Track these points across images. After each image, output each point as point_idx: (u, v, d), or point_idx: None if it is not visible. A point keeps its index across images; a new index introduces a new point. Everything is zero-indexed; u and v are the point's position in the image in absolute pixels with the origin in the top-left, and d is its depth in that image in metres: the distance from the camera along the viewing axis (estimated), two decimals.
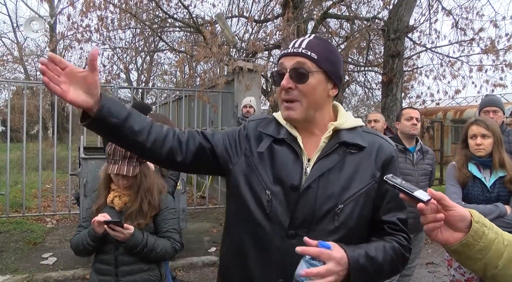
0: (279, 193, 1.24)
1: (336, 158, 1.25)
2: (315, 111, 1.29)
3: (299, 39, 1.31)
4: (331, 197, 1.22)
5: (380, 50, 9.77)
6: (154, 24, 9.26)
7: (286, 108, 1.28)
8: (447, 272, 2.92)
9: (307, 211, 1.21)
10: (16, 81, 14.32)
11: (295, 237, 1.21)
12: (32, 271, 4.50)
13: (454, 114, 16.64)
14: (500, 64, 7.67)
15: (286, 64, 1.26)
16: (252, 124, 1.41)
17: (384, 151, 1.30)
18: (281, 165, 1.27)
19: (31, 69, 23.71)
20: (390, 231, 1.29)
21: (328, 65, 1.27)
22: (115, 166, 2.15)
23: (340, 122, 1.30)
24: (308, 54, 1.25)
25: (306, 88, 1.24)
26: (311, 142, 1.30)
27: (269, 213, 1.24)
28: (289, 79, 1.24)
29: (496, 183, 2.60)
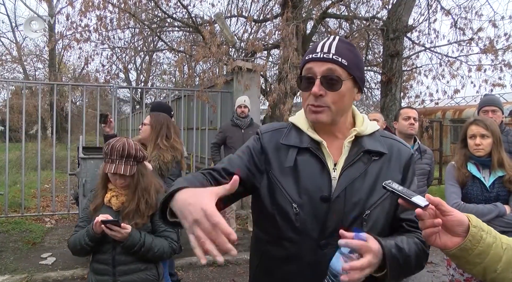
0: (307, 204, 1.23)
1: (361, 167, 1.26)
2: (341, 116, 1.30)
3: (326, 43, 1.28)
4: (358, 204, 1.23)
5: (379, 50, 9.78)
6: (153, 24, 9.26)
7: (314, 111, 1.26)
8: (446, 272, 2.92)
9: (337, 220, 1.22)
10: (15, 81, 14.30)
11: (327, 247, 1.21)
12: (31, 271, 4.49)
13: (453, 113, 16.66)
14: (499, 63, 7.69)
15: (316, 70, 1.24)
16: (268, 136, 1.37)
17: (402, 155, 1.33)
18: (307, 176, 1.25)
19: (30, 69, 23.71)
20: (409, 228, 1.29)
21: (356, 72, 1.27)
22: (113, 166, 2.15)
23: (362, 129, 1.31)
24: (339, 60, 1.23)
25: (337, 95, 1.24)
26: (334, 145, 1.31)
27: (298, 226, 1.23)
28: (320, 85, 1.23)
29: (495, 183, 2.60)
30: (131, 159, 2.18)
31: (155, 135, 3.22)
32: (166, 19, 9.35)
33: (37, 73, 24.17)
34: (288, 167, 1.28)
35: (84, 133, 6.33)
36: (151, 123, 3.26)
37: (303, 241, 1.23)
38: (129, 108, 21.57)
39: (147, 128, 3.26)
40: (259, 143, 1.37)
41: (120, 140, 2.22)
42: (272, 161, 1.31)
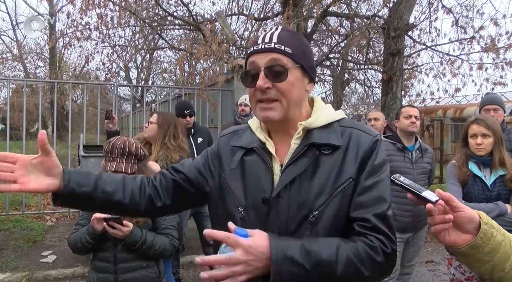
0: (252, 207, 1.16)
1: (305, 162, 1.14)
2: (294, 110, 1.19)
3: (268, 33, 1.19)
4: (304, 204, 1.11)
5: (380, 48, 9.75)
6: (153, 22, 9.24)
7: (263, 109, 1.17)
8: (447, 271, 2.92)
9: (280, 222, 1.12)
10: (16, 79, 14.29)
11: None
12: (32, 269, 4.50)
13: (454, 112, 16.65)
14: (500, 62, 7.67)
15: (259, 62, 1.15)
16: (223, 140, 1.34)
17: (362, 143, 1.17)
18: (252, 178, 1.19)
19: (30, 67, 23.73)
20: (360, 230, 1.10)
21: (303, 59, 1.18)
22: (113, 164, 2.15)
23: (310, 121, 1.19)
24: (282, 48, 1.15)
25: (285, 86, 1.14)
26: (285, 145, 1.21)
27: None
28: (265, 78, 1.14)
29: (496, 182, 2.60)
30: (132, 157, 2.19)
31: (163, 134, 3.20)
32: (166, 17, 9.33)
33: (37, 71, 24.21)
34: (233, 169, 1.23)
35: (84, 131, 6.33)
36: (159, 122, 3.24)
37: None
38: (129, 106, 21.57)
39: (154, 127, 3.23)
40: (216, 148, 1.34)
41: (121, 139, 2.23)
42: (224, 164, 1.27)
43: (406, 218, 3.21)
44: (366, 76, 11.31)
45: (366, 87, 11.65)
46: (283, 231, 1.11)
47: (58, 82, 9.04)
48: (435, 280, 4.73)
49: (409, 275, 3.57)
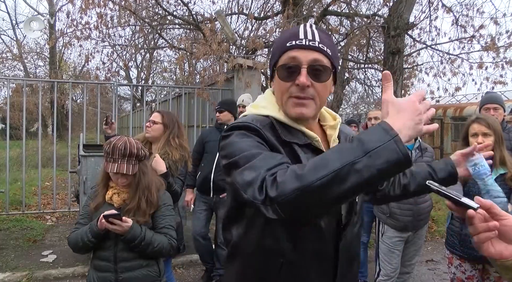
0: None
1: None
2: (320, 109, 1.26)
3: (308, 29, 1.17)
4: None
5: (380, 47, 9.76)
6: (153, 21, 9.24)
7: (298, 105, 1.16)
8: (448, 270, 2.92)
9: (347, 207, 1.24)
10: (16, 79, 14.27)
11: (348, 224, 1.24)
12: (32, 268, 4.50)
13: (454, 111, 16.63)
14: (501, 61, 7.67)
15: (302, 59, 1.14)
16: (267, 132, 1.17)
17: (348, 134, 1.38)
18: None
19: (30, 67, 23.72)
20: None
21: (337, 63, 1.22)
22: (115, 165, 2.15)
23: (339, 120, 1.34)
24: (325, 49, 1.15)
25: (322, 87, 1.17)
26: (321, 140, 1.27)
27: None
28: (307, 76, 1.14)
29: (496, 181, 2.59)
30: (133, 158, 2.19)
31: (168, 134, 3.18)
32: (166, 17, 9.33)
33: (37, 71, 24.20)
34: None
35: (84, 131, 6.33)
36: (164, 121, 3.21)
37: (329, 217, 1.20)
38: (129, 105, 21.57)
39: (159, 127, 3.19)
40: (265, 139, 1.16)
41: (122, 139, 2.22)
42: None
43: (406, 217, 3.21)
44: (366, 75, 11.32)
45: (366, 86, 11.66)
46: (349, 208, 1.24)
47: (58, 82, 9.02)
48: (435, 279, 4.73)
49: (409, 274, 3.57)
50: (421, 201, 3.29)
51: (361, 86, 12.19)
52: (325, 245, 1.18)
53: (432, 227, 6.60)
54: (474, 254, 2.62)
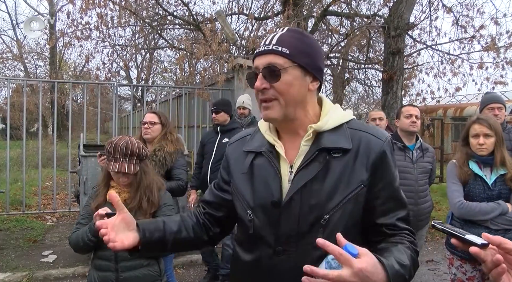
0: (260, 210, 1.21)
1: (317, 166, 1.16)
2: (295, 109, 1.20)
3: (271, 35, 1.23)
4: (315, 207, 1.14)
5: (380, 48, 9.75)
6: (153, 22, 9.24)
7: (264, 108, 1.21)
8: (448, 271, 2.91)
9: (291, 225, 1.15)
10: (16, 79, 14.27)
11: (283, 253, 1.16)
12: (32, 268, 4.50)
13: (454, 111, 16.64)
14: (501, 61, 7.67)
15: (259, 64, 1.20)
16: (232, 148, 1.40)
17: (373, 148, 1.18)
18: (261, 181, 1.22)
19: (30, 67, 23.72)
20: (392, 232, 1.18)
21: (303, 58, 1.19)
22: (116, 164, 2.15)
23: (320, 124, 1.20)
24: (279, 50, 1.17)
25: (281, 86, 1.17)
26: (294, 146, 1.23)
27: (252, 233, 1.22)
28: (263, 79, 1.18)
29: (497, 181, 2.60)
30: (134, 158, 2.19)
31: (165, 131, 3.38)
32: (166, 17, 9.32)
33: (38, 71, 24.20)
34: (243, 173, 1.27)
35: (85, 131, 6.33)
36: (162, 121, 3.40)
37: (260, 247, 1.20)
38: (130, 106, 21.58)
39: (158, 127, 3.38)
40: (225, 158, 1.40)
41: (123, 139, 2.22)
42: (233, 170, 1.33)
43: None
44: (367, 76, 11.32)
45: (366, 87, 11.66)
46: (295, 234, 1.16)
47: (58, 82, 9.01)
48: (436, 279, 4.73)
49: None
50: (422, 202, 3.28)
51: (361, 86, 12.19)
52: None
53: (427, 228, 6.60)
54: None
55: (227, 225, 1.42)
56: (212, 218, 1.38)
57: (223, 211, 1.37)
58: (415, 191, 3.25)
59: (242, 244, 1.30)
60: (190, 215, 1.39)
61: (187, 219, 1.37)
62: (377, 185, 1.18)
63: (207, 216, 1.38)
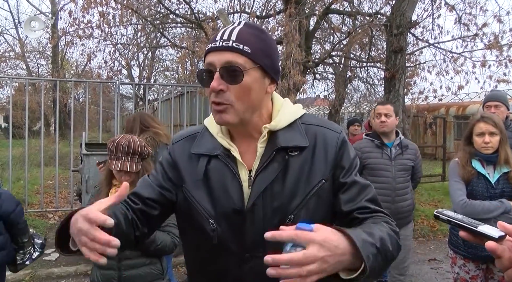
0: (223, 218, 1.12)
1: (276, 167, 1.11)
2: (251, 113, 1.12)
3: (228, 29, 1.11)
4: (279, 209, 1.09)
5: (382, 46, 9.72)
6: (155, 20, 9.24)
7: (217, 111, 1.10)
8: (451, 270, 2.91)
9: (258, 230, 1.08)
10: (18, 78, 14.33)
11: (251, 260, 1.10)
12: (35, 267, 4.51)
13: (457, 110, 16.60)
14: (504, 59, 7.64)
15: (215, 61, 1.07)
16: (178, 146, 1.24)
17: (329, 142, 1.15)
18: (218, 187, 1.13)
19: (33, 66, 23.73)
20: (364, 215, 1.11)
21: (264, 59, 1.10)
22: (118, 162, 2.16)
23: (273, 124, 1.14)
24: (241, 48, 1.06)
25: (240, 89, 1.07)
26: (250, 149, 1.16)
27: (216, 243, 1.12)
28: (220, 79, 1.06)
29: (500, 179, 2.59)
30: (137, 156, 2.20)
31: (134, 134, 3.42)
32: (168, 15, 9.33)
33: (40, 70, 24.22)
34: (198, 180, 1.15)
35: (87, 130, 6.34)
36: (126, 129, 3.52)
37: (226, 258, 1.12)
38: (131, 104, 21.57)
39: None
40: (170, 156, 1.25)
41: (125, 137, 2.23)
42: (184, 174, 1.19)
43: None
44: (369, 74, 11.28)
45: (368, 85, 11.62)
46: (261, 239, 0.99)
47: (60, 81, 9.05)
48: (438, 278, 4.72)
49: (404, 276, 3.52)
50: (400, 200, 3.25)
51: (363, 84, 12.15)
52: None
53: (435, 226, 6.59)
54: (479, 254, 2.61)
55: (155, 226, 1.26)
56: (144, 216, 1.19)
57: (159, 210, 1.21)
58: (392, 188, 3.23)
59: (201, 257, 1.19)
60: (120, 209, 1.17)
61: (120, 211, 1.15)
62: (338, 177, 1.15)
63: (138, 213, 1.18)
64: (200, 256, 1.19)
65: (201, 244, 1.17)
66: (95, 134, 7.98)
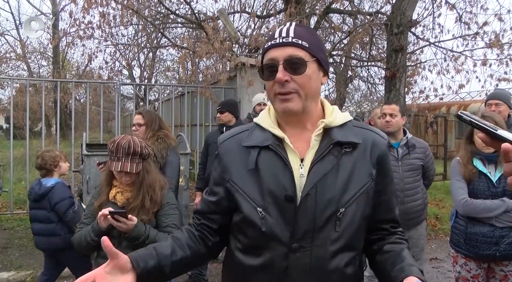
0: (272, 207, 1.16)
1: (332, 160, 1.17)
2: (311, 102, 1.22)
3: (283, 28, 1.22)
4: (331, 201, 1.15)
5: (383, 45, 9.71)
6: (156, 20, 9.24)
7: (283, 101, 1.18)
8: (453, 269, 2.90)
9: (308, 220, 1.14)
10: (19, 78, 14.29)
11: (299, 250, 1.14)
12: (36, 267, 4.52)
13: (458, 109, 16.55)
14: (505, 58, 7.61)
15: (278, 56, 1.17)
16: (225, 145, 1.32)
17: (378, 146, 1.25)
18: (269, 176, 1.18)
19: (34, 66, 23.74)
20: (393, 230, 1.28)
21: (319, 53, 1.21)
22: (119, 163, 2.15)
23: (330, 120, 1.23)
24: (300, 42, 1.17)
25: (303, 79, 1.17)
26: (302, 138, 1.23)
27: (265, 231, 1.15)
28: (284, 71, 1.16)
29: (501, 178, 2.58)
30: (137, 157, 2.19)
31: (150, 130, 3.42)
32: (169, 16, 9.33)
33: (41, 71, 24.23)
34: (249, 170, 1.21)
35: (87, 130, 6.34)
36: (146, 121, 3.44)
37: (273, 247, 1.15)
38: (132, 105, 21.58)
39: (143, 129, 3.43)
40: (217, 157, 1.33)
41: (125, 138, 2.22)
42: (231, 168, 1.26)
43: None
44: (369, 73, 11.28)
45: (369, 84, 11.61)
46: (311, 229, 1.14)
47: (61, 81, 9.04)
48: (439, 277, 4.72)
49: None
50: (409, 201, 3.16)
51: (364, 84, 12.14)
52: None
53: (436, 225, 6.58)
54: (480, 253, 2.61)
55: (225, 233, 1.33)
56: (209, 228, 1.31)
57: (218, 218, 1.30)
58: (400, 189, 3.11)
59: (246, 249, 1.22)
60: (181, 233, 1.33)
61: (179, 237, 1.29)
62: (382, 181, 1.24)
63: (203, 226, 1.31)
64: (243, 252, 1.23)
65: (247, 238, 1.21)
66: (96, 135, 7.99)
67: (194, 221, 1.35)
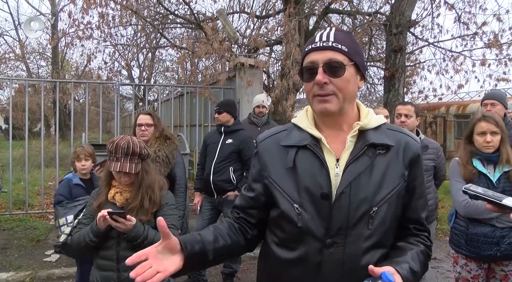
0: (308, 204, 1.22)
1: (366, 161, 1.22)
2: (348, 104, 1.27)
3: (324, 32, 1.27)
4: (365, 200, 1.20)
5: (382, 45, 9.72)
6: (155, 21, 9.24)
7: (321, 102, 1.23)
8: (453, 269, 2.89)
9: (342, 217, 1.19)
10: (18, 79, 14.29)
11: (332, 246, 1.19)
12: (36, 268, 4.51)
13: (457, 109, 16.57)
14: (504, 58, 7.63)
15: (318, 59, 1.22)
16: (264, 144, 1.38)
17: (410, 149, 1.29)
18: (306, 175, 1.23)
19: (33, 67, 23.76)
20: (415, 231, 1.31)
21: (357, 57, 1.26)
22: (118, 164, 2.15)
23: (365, 122, 1.27)
24: (339, 47, 1.22)
25: (341, 82, 1.22)
26: (338, 139, 1.28)
27: (301, 226, 1.21)
28: (324, 74, 1.21)
29: (501, 178, 2.58)
30: (136, 157, 2.19)
31: (159, 130, 3.43)
32: (168, 16, 9.33)
33: (40, 71, 24.24)
34: (287, 168, 1.26)
35: (87, 131, 6.34)
36: (155, 122, 3.46)
37: (308, 242, 1.21)
38: (132, 105, 21.57)
39: (153, 129, 3.45)
40: (256, 156, 1.38)
41: (124, 138, 2.22)
42: (270, 166, 1.31)
43: None
44: (369, 73, 11.28)
45: (368, 84, 11.62)
46: (345, 226, 1.19)
47: (60, 82, 9.04)
48: (439, 277, 4.72)
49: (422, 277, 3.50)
50: None
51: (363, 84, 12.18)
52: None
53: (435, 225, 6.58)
54: (481, 253, 2.60)
55: (263, 227, 1.39)
56: (247, 222, 1.37)
57: (256, 213, 1.36)
58: None
59: (282, 243, 1.28)
60: (221, 223, 1.39)
61: (220, 227, 1.36)
62: (413, 183, 1.29)
63: (242, 220, 1.37)
64: (279, 246, 1.28)
65: (284, 232, 1.27)
66: (95, 135, 7.98)
67: (232, 215, 1.41)
